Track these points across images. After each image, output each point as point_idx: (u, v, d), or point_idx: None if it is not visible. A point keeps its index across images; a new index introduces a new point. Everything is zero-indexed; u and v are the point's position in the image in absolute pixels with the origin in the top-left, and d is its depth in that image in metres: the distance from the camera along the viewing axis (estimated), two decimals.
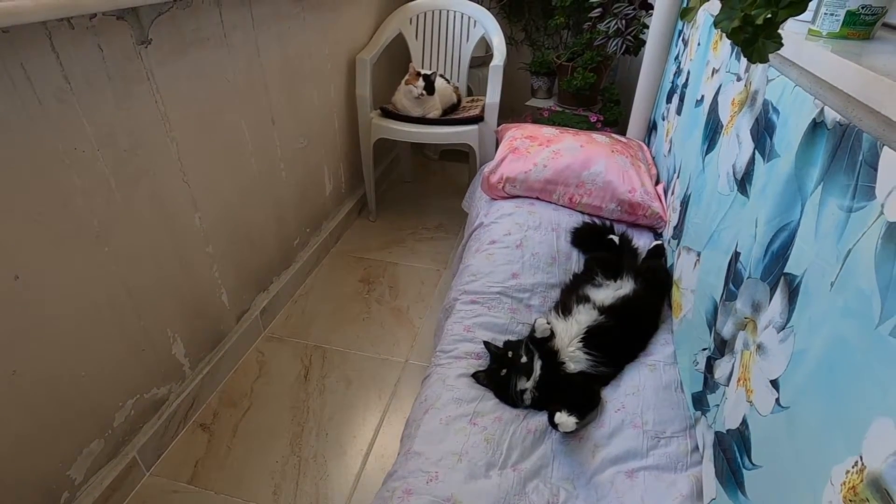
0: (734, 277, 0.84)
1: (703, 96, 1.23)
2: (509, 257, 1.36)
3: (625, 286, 1.20)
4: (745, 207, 0.86)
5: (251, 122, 1.50)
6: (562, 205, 1.56)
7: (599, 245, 1.40)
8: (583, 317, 1.11)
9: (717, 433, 0.81)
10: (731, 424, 0.76)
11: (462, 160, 2.74)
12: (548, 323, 1.09)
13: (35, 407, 0.97)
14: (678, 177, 1.37)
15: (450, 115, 2.13)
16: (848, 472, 0.50)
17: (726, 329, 0.84)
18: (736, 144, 0.94)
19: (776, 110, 0.80)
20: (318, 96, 1.87)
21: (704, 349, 0.93)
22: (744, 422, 0.73)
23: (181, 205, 1.27)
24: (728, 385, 0.82)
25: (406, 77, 2.05)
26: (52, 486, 1.03)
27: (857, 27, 0.71)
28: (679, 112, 1.48)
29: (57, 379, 1.01)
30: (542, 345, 1.08)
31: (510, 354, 1.05)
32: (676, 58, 1.67)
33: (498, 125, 2.00)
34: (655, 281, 1.23)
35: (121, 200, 1.08)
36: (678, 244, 1.22)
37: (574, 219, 1.50)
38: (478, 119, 2.04)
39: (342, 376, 1.56)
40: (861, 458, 0.48)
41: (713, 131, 1.10)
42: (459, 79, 2.31)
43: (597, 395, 1.02)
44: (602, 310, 1.12)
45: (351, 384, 1.54)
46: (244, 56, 1.42)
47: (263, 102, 1.54)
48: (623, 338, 1.11)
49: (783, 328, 0.67)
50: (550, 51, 2.55)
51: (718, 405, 0.84)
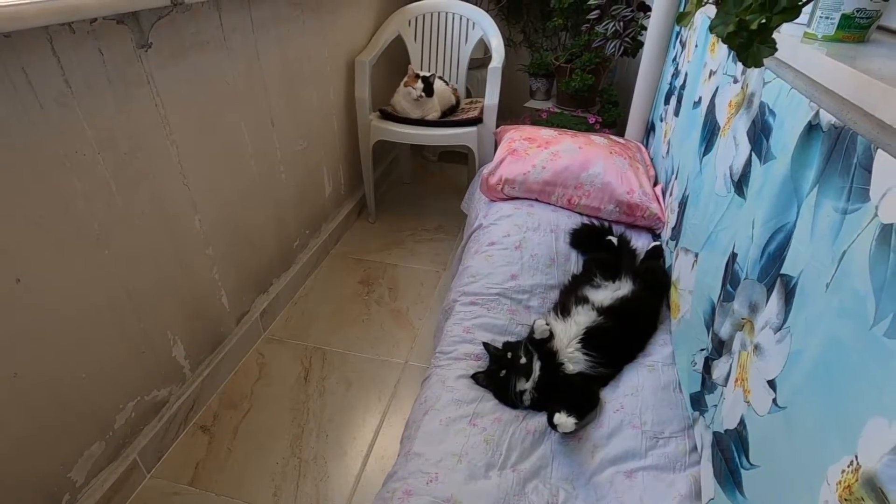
0: (731, 278, 0.85)
1: (701, 98, 1.23)
2: (508, 258, 1.36)
3: (623, 287, 1.20)
4: (742, 209, 0.86)
5: (251, 125, 1.50)
6: (560, 206, 1.56)
7: (598, 246, 1.41)
8: (582, 318, 1.11)
9: (716, 433, 0.81)
10: (729, 424, 0.76)
11: (461, 161, 2.74)
12: (547, 324, 1.10)
13: (36, 409, 0.98)
14: (676, 178, 1.37)
15: (449, 117, 2.13)
16: (843, 472, 0.50)
17: (724, 330, 0.85)
18: (733, 146, 0.94)
19: (772, 112, 0.81)
20: (318, 98, 1.87)
21: (702, 350, 0.94)
22: (741, 422, 0.73)
23: (181, 207, 1.27)
24: (726, 385, 0.82)
25: (405, 79, 2.05)
26: (53, 489, 1.04)
27: (852, 30, 0.72)
28: (677, 114, 1.49)
29: (58, 381, 1.01)
30: (542, 346, 1.08)
31: (509, 355, 1.06)
32: (674, 59, 1.68)
33: (497, 127, 2.01)
34: (654, 282, 1.23)
35: (121, 203, 1.09)
36: (676, 245, 1.23)
37: (573, 220, 1.51)
38: (476, 121, 2.04)
39: (342, 378, 1.56)
40: (856, 458, 0.49)
41: (710, 133, 1.10)
42: (458, 80, 2.31)
43: (596, 396, 1.02)
44: (601, 311, 1.13)
45: (351, 386, 1.54)
46: (244, 59, 1.42)
47: (263, 105, 1.55)
48: (622, 339, 1.11)
49: (780, 329, 0.67)
50: (549, 52, 2.56)
51: (716, 405, 0.84)
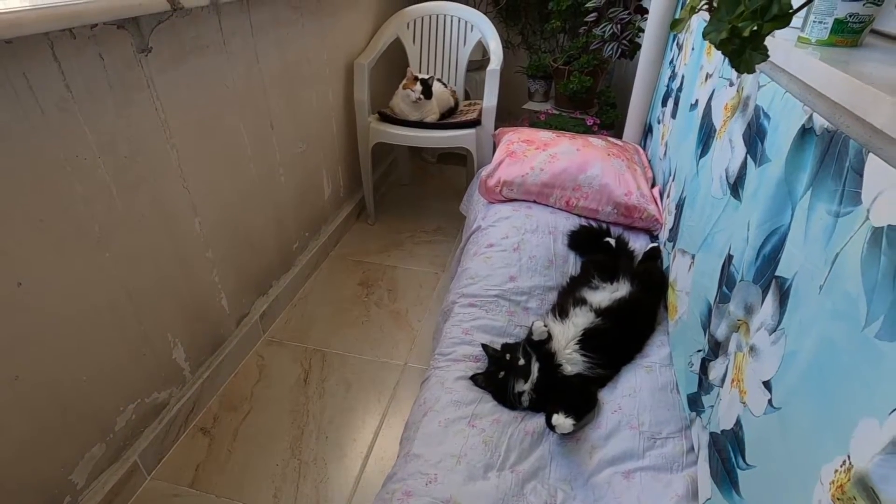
0: (727, 280, 0.85)
1: (697, 100, 1.24)
2: (507, 260, 1.37)
3: (621, 288, 1.21)
4: (738, 211, 0.87)
5: (250, 128, 1.51)
6: (559, 208, 1.57)
7: (596, 248, 1.41)
8: (580, 319, 1.12)
9: (712, 434, 0.82)
10: (726, 425, 0.77)
11: (460, 163, 2.75)
12: (545, 325, 1.10)
13: (37, 412, 0.98)
14: (674, 180, 1.38)
15: (447, 119, 2.14)
16: (836, 472, 0.51)
17: (720, 331, 0.85)
18: (729, 149, 0.95)
19: (767, 116, 0.82)
20: (317, 101, 1.88)
21: (699, 351, 0.94)
22: (738, 422, 0.73)
23: (181, 210, 1.28)
24: (722, 386, 0.83)
25: (404, 81, 2.06)
26: (55, 491, 1.04)
27: (845, 35, 0.73)
28: (674, 116, 1.50)
29: (58, 384, 1.01)
30: (540, 347, 1.08)
31: (508, 357, 1.06)
32: (671, 62, 1.69)
33: (495, 128, 2.01)
34: (651, 283, 1.24)
35: (121, 206, 1.09)
36: (673, 247, 1.24)
37: (571, 222, 1.51)
38: (475, 123, 2.05)
39: (342, 379, 1.57)
40: (849, 458, 0.49)
41: (707, 135, 1.11)
42: (457, 82, 2.32)
43: (594, 397, 1.03)
44: (599, 312, 1.13)
45: (350, 387, 1.54)
46: (243, 62, 1.43)
47: (262, 108, 1.56)
48: (619, 340, 1.12)
49: (774, 330, 0.68)
50: (547, 54, 2.57)
51: (713, 406, 0.85)
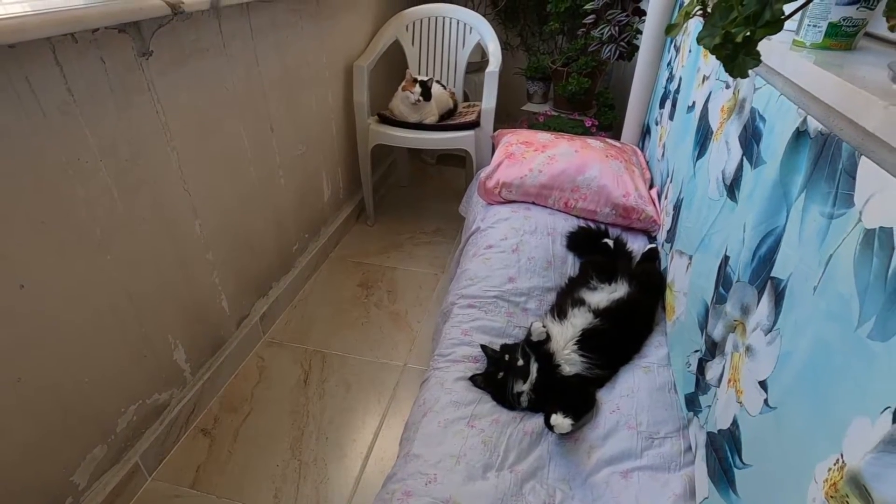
0: (724, 281, 0.86)
1: (695, 102, 1.25)
2: (506, 261, 1.38)
3: (619, 289, 1.21)
4: (734, 212, 0.88)
5: (250, 130, 1.52)
6: (557, 209, 1.58)
7: (594, 249, 1.42)
8: (578, 320, 1.13)
9: (709, 433, 0.82)
10: (723, 425, 0.78)
11: (459, 164, 2.76)
12: (544, 326, 1.11)
13: (39, 413, 0.99)
14: (671, 181, 1.39)
15: (446, 121, 2.15)
16: (830, 470, 0.51)
17: (717, 331, 0.86)
18: (725, 150, 0.96)
19: (762, 118, 0.82)
20: (316, 103, 1.89)
21: (696, 351, 0.95)
22: (734, 422, 0.74)
23: (182, 212, 1.29)
24: (719, 386, 0.83)
25: (403, 83, 2.07)
26: (57, 492, 1.05)
27: (839, 38, 0.74)
28: (672, 117, 1.50)
29: (60, 386, 1.02)
30: (539, 348, 1.09)
31: (507, 357, 1.07)
32: (669, 64, 1.70)
33: (494, 129, 2.02)
34: (649, 284, 1.25)
35: (122, 209, 1.10)
36: (671, 248, 1.24)
37: (569, 223, 1.52)
38: (474, 125, 2.06)
39: (342, 380, 1.57)
40: (842, 456, 0.50)
41: (704, 137, 1.12)
42: (456, 84, 2.33)
43: (592, 397, 1.04)
44: (597, 313, 1.14)
45: (350, 388, 1.55)
46: (243, 65, 1.44)
47: (262, 110, 1.56)
48: (618, 340, 1.13)
49: (770, 330, 0.69)
50: (546, 56, 2.58)
51: (710, 406, 0.86)
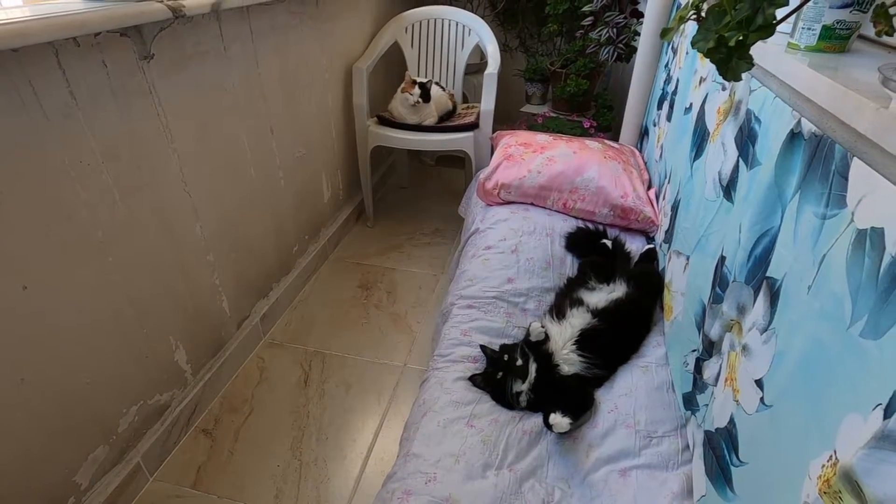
0: (720, 281, 0.87)
1: (692, 104, 1.26)
2: (505, 262, 1.38)
3: (618, 289, 1.22)
4: (731, 213, 0.89)
5: (250, 132, 1.52)
6: (556, 210, 1.59)
7: (593, 249, 1.43)
8: (576, 320, 1.13)
9: (707, 432, 0.83)
10: (720, 423, 0.78)
11: (458, 165, 2.77)
12: (542, 326, 1.12)
13: (42, 414, 0.99)
14: (669, 182, 1.39)
15: (446, 122, 2.16)
16: (823, 466, 0.52)
17: (714, 331, 0.87)
18: (721, 152, 0.97)
19: (758, 120, 0.83)
20: (316, 105, 1.90)
21: (694, 350, 0.96)
22: (731, 420, 0.75)
23: (183, 214, 1.29)
24: (716, 385, 0.84)
25: (402, 85, 2.08)
26: (59, 492, 1.06)
27: (833, 41, 0.75)
28: (669, 119, 1.51)
29: (63, 386, 1.03)
30: (537, 348, 1.10)
31: (506, 358, 1.08)
32: (666, 65, 1.71)
33: (493, 131, 2.03)
34: (647, 284, 1.25)
35: (124, 211, 1.11)
36: (669, 248, 1.25)
37: (568, 224, 1.53)
38: (473, 126, 2.07)
39: (342, 381, 1.58)
40: (835, 453, 0.51)
41: (701, 138, 1.13)
42: (455, 86, 2.34)
43: (590, 397, 1.04)
44: (595, 313, 1.15)
45: (350, 389, 1.56)
46: (243, 68, 1.45)
47: (262, 112, 1.57)
48: (616, 340, 1.13)
49: (766, 330, 0.69)
50: (544, 58, 2.59)
51: (707, 405, 0.86)
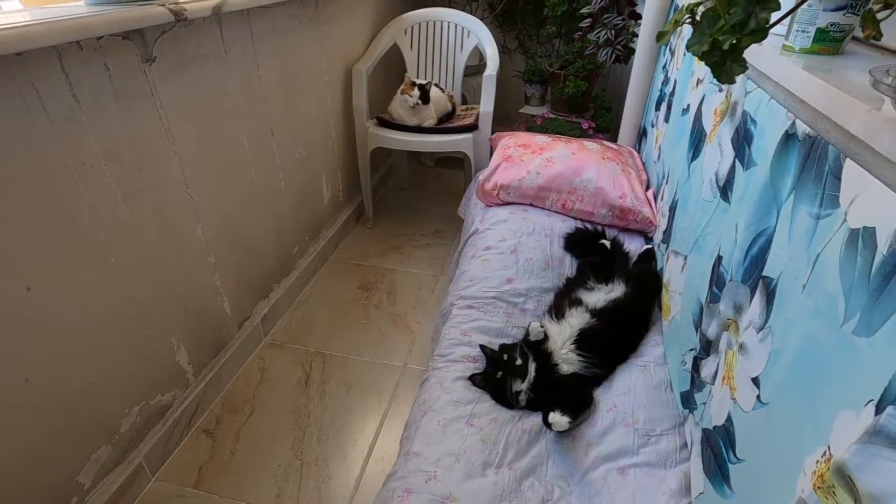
0: (717, 280, 0.88)
1: (689, 105, 1.27)
2: (504, 263, 1.39)
3: (616, 289, 1.23)
4: (727, 213, 0.90)
5: (251, 134, 1.53)
6: (555, 211, 1.59)
7: (592, 250, 1.44)
8: (575, 320, 1.14)
9: (705, 430, 0.84)
10: (717, 421, 0.79)
11: (457, 166, 2.78)
12: (541, 326, 1.13)
13: (46, 414, 1.00)
14: (667, 182, 1.40)
15: (445, 124, 2.17)
16: (818, 462, 0.53)
17: (711, 330, 0.88)
18: (718, 153, 0.98)
19: (754, 121, 0.84)
20: (316, 107, 1.91)
21: (691, 349, 0.97)
22: (728, 418, 0.76)
23: (184, 216, 1.30)
24: (714, 384, 0.85)
25: (402, 87, 2.09)
26: (62, 492, 1.06)
27: (827, 43, 0.76)
28: (667, 120, 1.52)
29: (66, 387, 1.04)
30: (537, 347, 1.11)
31: (506, 357, 1.08)
32: (664, 67, 1.72)
33: (493, 131, 2.04)
34: (646, 284, 1.26)
35: (126, 213, 1.12)
36: (667, 248, 1.26)
37: (567, 224, 1.54)
38: (472, 127, 2.08)
39: (342, 381, 1.59)
40: (829, 448, 0.52)
41: (698, 139, 1.14)
42: (454, 87, 2.35)
43: (589, 396, 1.05)
44: (594, 313, 1.15)
45: (351, 389, 1.56)
46: (244, 70, 1.46)
47: (262, 114, 1.58)
48: (615, 340, 1.14)
49: (762, 328, 0.70)
50: (543, 59, 2.60)
51: (705, 403, 0.87)
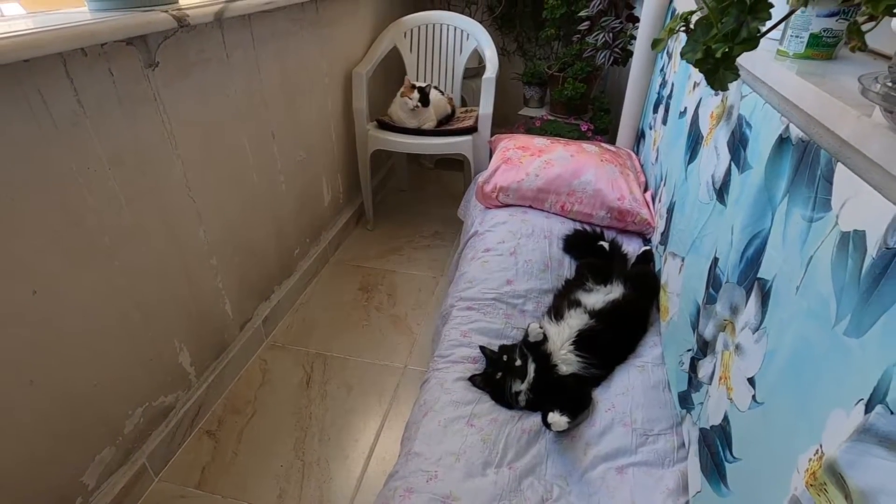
0: (714, 282, 0.89)
1: (686, 108, 1.28)
2: (503, 264, 1.40)
3: (615, 291, 1.24)
4: (723, 216, 0.91)
5: (252, 137, 1.54)
6: (554, 213, 1.60)
7: (590, 251, 1.45)
8: (574, 321, 1.15)
9: (702, 429, 0.85)
10: (714, 421, 0.80)
11: (457, 168, 2.79)
12: (541, 327, 1.14)
13: (51, 416, 1.01)
14: (665, 185, 1.41)
15: (444, 126, 2.18)
16: (810, 460, 0.54)
17: (708, 331, 0.89)
18: (714, 155, 0.99)
19: (749, 125, 0.86)
20: (317, 110, 1.92)
21: (689, 350, 0.98)
22: (725, 418, 0.77)
23: (187, 219, 1.32)
24: (710, 384, 0.86)
25: (401, 90, 2.10)
26: (67, 492, 1.07)
27: (820, 48, 0.77)
28: (665, 122, 1.54)
29: (71, 389, 1.05)
30: (536, 348, 1.12)
31: (505, 358, 1.10)
32: (662, 69, 1.73)
33: (492, 133, 2.05)
34: (644, 285, 1.27)
35: (130, 217, 1.13)
36: (665, 250, 1.27)
37: (566, 226, 1.55)
38: (472, 129, 2.09)
39: (343, 382, 1.60)
40: (821, 447, 0.53)
41: (695, 142, 1.15)
42: (453, 90, 2.36)
43: (588, 396, 1.06)
44: (593, 314, 1.17)
45: (352, 390, 1.58)
46: (245, 74, 1.47)
47: (263, 118, 1.59)
48: (613, 340, 1.15)
49: (757, 329, 0.72)
50: (542, 61, 2.61)
51: (702, 403, 0.88)
